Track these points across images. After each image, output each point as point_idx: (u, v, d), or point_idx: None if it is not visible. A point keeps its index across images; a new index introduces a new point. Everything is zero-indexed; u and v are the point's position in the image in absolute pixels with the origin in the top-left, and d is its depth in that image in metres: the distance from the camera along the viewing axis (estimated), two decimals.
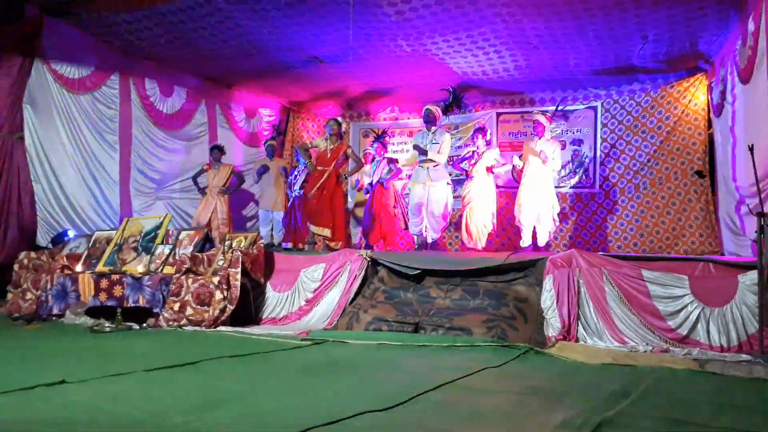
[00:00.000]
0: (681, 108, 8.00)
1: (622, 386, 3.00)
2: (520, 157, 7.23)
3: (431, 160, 6.84)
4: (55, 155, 7.05)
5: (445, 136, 6.90)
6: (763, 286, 3.81)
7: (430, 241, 7.15)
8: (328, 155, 7.07)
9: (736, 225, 6.18)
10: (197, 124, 8.82)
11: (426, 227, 7.04)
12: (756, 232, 3.92)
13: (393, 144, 9.45)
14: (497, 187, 7.67)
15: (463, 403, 2.69)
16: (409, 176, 7.67)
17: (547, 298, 4.76)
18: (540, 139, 6.97)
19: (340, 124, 7.42)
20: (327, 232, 6.91)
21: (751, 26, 5.18)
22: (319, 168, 7.03)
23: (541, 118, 7.03)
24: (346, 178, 7.82)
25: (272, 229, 8.37)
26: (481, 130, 7.63)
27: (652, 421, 2.38)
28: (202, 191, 8.22)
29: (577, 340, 4.53)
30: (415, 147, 7.03)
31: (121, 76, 7.73)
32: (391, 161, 7.93)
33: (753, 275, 4.06)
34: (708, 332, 4.22)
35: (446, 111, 7.12)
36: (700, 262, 4.50)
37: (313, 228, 7.03)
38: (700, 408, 2.66)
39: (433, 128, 6.93)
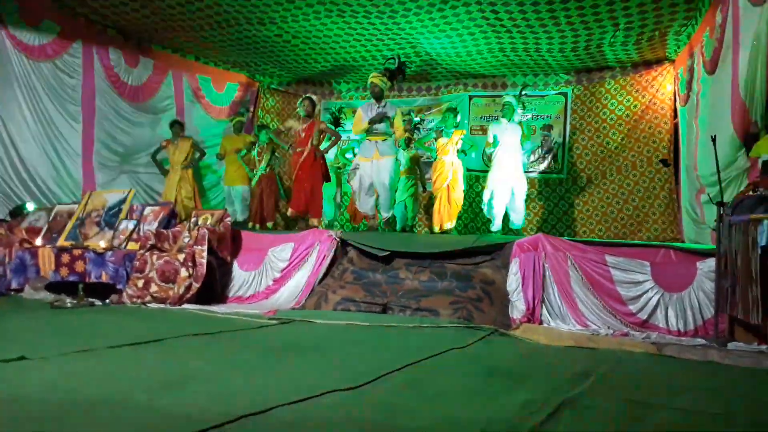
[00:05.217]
0: (648, 97, 8.15)
1: (584, 368, 3.08)
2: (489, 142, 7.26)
3: (380, 134, 6.48)
4: (15, 125, 6.80)
5: (395, 110, 6.54)
6: (720, 273, 3.94)
7: (386, 217, 6.79)
8: (302, 135, 6.96)
9: (697, 213, 6.35)
10: (164, 97, 8.58)
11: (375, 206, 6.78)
12: (715, 220, 4.05)
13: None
14: (468, 170, 7.73)
15: (428, 382, 2.72)
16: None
17: (513, 281, 4.84)
18: (509, 120, 7.08)
19: (313, 103, 7.11)
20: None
21: (718, 18, 5.26)
22: (298, 150, 6.97)
23: (513, 101, 7.14)
24: (323, 154, 7.24)
25: (233, 205, 8.25)
26: (452, 110, 7.68)
27: (611, 402, 2.46)
28: (163, 170, 8.06)
29: (541, 323, 4.62)
30: (371, 121, 6.44)
31: (84, 44, 7.44)
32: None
33: (711, 262, 4.20)
34: (666, 317, 4.35)
35: (392, 79, 6.60)
36: (661, 249, 4.63)
37: (289, 212, 7.14)
38: (657, 390, 2.76)
39: (383, 102, 6.54)
